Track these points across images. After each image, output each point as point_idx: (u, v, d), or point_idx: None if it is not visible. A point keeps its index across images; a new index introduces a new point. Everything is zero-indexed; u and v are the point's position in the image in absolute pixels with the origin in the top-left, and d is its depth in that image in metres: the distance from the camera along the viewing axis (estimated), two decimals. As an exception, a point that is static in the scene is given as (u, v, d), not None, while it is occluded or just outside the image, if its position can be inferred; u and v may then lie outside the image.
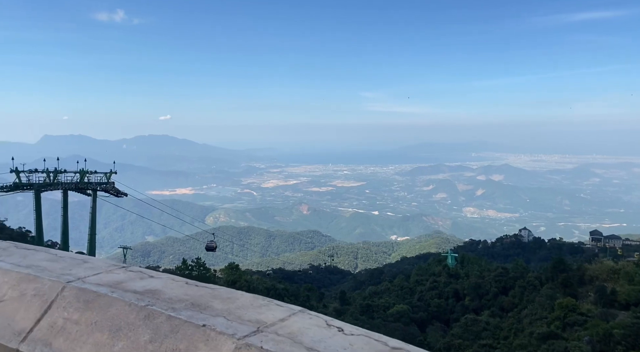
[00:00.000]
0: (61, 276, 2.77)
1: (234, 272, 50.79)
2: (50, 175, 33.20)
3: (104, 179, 36.86)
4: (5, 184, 31.41)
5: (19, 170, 31.58)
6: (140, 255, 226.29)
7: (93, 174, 36.41)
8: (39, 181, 32.42)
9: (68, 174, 34.54)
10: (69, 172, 34.57)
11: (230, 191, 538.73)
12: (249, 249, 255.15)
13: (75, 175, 35.13)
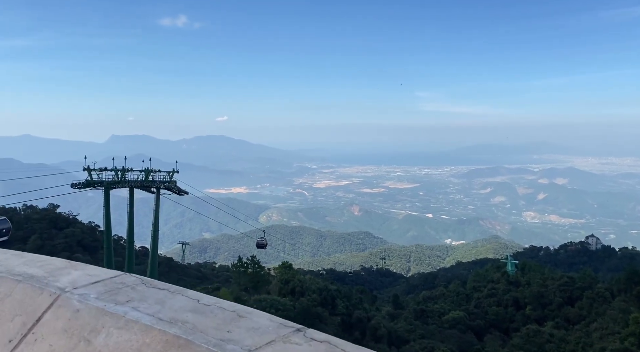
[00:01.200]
0: (220, 343, 1.99)
1: (287, 271, 51.20)
2: (118, 173, 35.04)
3: (166, 177, 38.40)
4: (79, 181, 33.49)
5: (91, 168, 33.59)
6: (198, 251, 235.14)
7: (157, 173, 38.02)
8: (108, 179, 34.30)
9: (134, 173, 36.29)
10: (134, 170, 36.31)
11: (283, 190, 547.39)
12: (300, 249, 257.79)
13: (141, 173, 36.83)
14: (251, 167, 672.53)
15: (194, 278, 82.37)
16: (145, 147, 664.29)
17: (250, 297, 43.32)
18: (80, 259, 75.35)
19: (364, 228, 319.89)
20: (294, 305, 42.07)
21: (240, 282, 49.22)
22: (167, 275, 74.92)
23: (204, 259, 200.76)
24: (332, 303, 48.62)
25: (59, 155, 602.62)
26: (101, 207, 35.13)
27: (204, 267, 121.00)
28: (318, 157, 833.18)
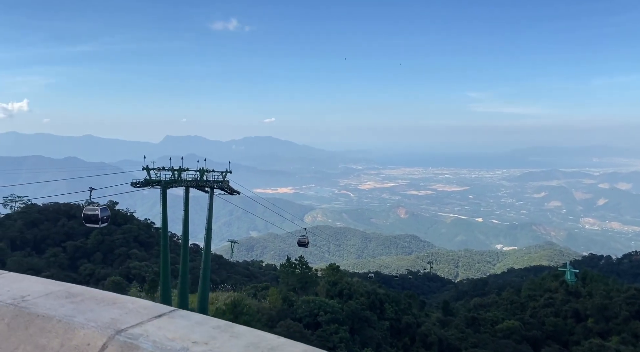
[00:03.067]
0: None
1: (335, 273, 50.87)
2: (175, 173, 36.08)
3: (220, 177, 39.11)
4: (138, 180, 34.79)
5: (149, 168, 34.78)
6: (245, 249, 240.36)
7: (211, 173, 38.81)
8: (166, 178, 35.41)
9: (189, 172, 37.23)
10: (190, 170, 37.27)
11: (328, 191, 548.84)
12: (345, 250, 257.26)
13: (196, 173, 37.73)
14: (297, 168, 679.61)
15: (242, 276, 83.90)
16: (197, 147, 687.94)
17: (299, 298, 43.34)
18: (136, 254, 78.73)
19: (410, 231, 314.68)
20: (342, 307, 41.63)
21: (289, 282, 49.41)
22: (217, 272, 76.75)
23: (251, 257, 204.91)
24: (381, 307, 47.74)
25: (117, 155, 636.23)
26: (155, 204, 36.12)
27: (252, 265, 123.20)
28: (364, 158, 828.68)
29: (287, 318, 37.20)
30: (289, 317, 38.08)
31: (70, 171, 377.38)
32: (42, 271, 66.22)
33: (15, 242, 75.62)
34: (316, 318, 38.47)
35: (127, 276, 64.55)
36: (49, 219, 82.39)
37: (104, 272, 70.23)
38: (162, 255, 36.31)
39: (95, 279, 65.99)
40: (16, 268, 65.40)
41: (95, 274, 69.29)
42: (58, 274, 67.23)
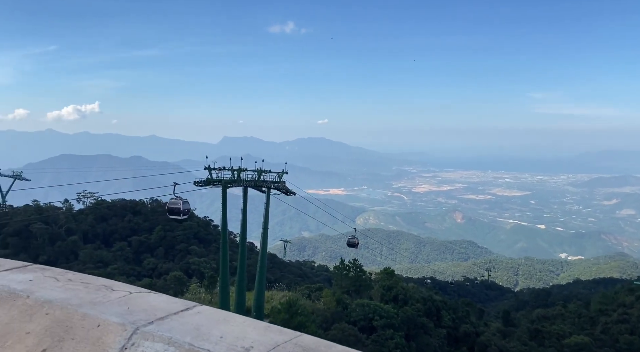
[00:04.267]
0: None
1: (390, 278, 49.85)
2: (234, 173, 36.92)
3: (276, 178, 39.57)
4: (200, 179, 35.96)
5: (211, 168, 35.83)
6: (297, 249, 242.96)
7: (268, 173, 39.35)
8: (226, 178, 36.34)
9: (248, 173, 37.95)
10: (248, 170, 37.98)
11: (381, 193, 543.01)
12: (398, 254, 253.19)
13: (254, 174, 38.41)
14: (349, 169, 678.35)
15: (295, 275, 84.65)
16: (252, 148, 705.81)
17: (353, 301, 42.87)
18: (195, 250, 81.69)
19: (467, 237, 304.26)
20: (397, 313, 40.66)
21: (342, 284, 49.06)
22: (271, 271, 77.86)
23: (302, 257, 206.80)
24: (437, 314, 46.20)
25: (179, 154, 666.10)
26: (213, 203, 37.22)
27: (304, 265, 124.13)
28: (419, 161, 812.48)
29: (342, 321, 36.84)
30: (344, 320, 37.69)
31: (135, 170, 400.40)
32: (110, 263, 70.37)
33: (87, 235, 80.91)
34: (371, 322, 37.83)
35: (186, 271, 67.07)
36: (116, 215, 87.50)
37: (166, 266, 73.45)
38: (222, 253, 37.19)
39: (158, 273, 69.16)
40: (87, 260, 69.97)
41: (157, 268, 72.66)
42: (124, 267, 71.19)
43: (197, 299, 41.59)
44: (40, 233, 73.02)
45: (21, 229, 72.12)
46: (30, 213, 79.71)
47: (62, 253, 71.86)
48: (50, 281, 2.61)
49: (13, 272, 2.71)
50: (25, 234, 72.13)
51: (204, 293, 43.66)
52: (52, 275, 2.71)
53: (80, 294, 2.45)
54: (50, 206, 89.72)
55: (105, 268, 63.02)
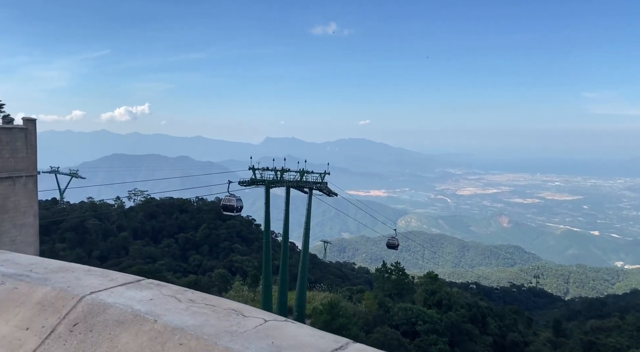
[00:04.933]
0: None
1: (433, 282, 48.73)
2: (277, 173, 37.39)
3: (318, 179, 39.68)
4: (244, 179, 36.68)
5: (255, 168, 36.46)
6: (337, 250, 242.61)
7: (310, 173, 39.52)
8: (269, 178, 36.87)
9: (290, 173, 38.32)
10: (291, 171, 38.36)
11: (423, 196, 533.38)
12: (440, 257, 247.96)
13: (296, 174, 38.73)
14: (391, 171, 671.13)
15: (335, 276, 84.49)
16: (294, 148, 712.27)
17: (395, 304, 42.21)
18: (238, 249, 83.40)
19: (514, 241, 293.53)
20: (441, 318, 39.67)
21: (384, 287, 48.44)
22: (311, 271, 78.08)
23: (342, 258, 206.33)
24: (483, 321, 44.68)
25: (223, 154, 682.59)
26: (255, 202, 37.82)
27: (344, 266, 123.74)
28: (463, 162, 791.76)
29: (384, 324, 36.34)
30: (386, 323, 37.17)
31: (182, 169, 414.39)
32: (158, 259, 73.06)
33: (137, 232, 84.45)
34: (414, 327, 37.11)
35: (230, 268, 68.48)
36: (164, 212, 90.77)
37: (210, 264, 75.40)
38: (264, 252, 37.65)
39: (203, 270, 71.12)
40: (137, 255, 72.96)
41: (202, 265, 74.72)
42: (171, 263, 73.72)
43: (240, 297, 42.27)
44: (94, 229, 76.86)
45: (77, 224, 76.17)
46: (85, 210, 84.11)
47: (114, 248, 75.30)
48: (172, 302, 2.32)
49: (129, 288, 2.44)
50: (81, 230, 76.09)
51: (247, 291, 44.33)
52: (171, 293, 2.42)
53: (211, 321, 2.13)
54: (103, 203, 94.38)
55: (153, 264, 65.40)
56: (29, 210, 23.95)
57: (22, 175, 23.32)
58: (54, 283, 2.38)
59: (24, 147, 23.47)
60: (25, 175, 23.42)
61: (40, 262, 2.66)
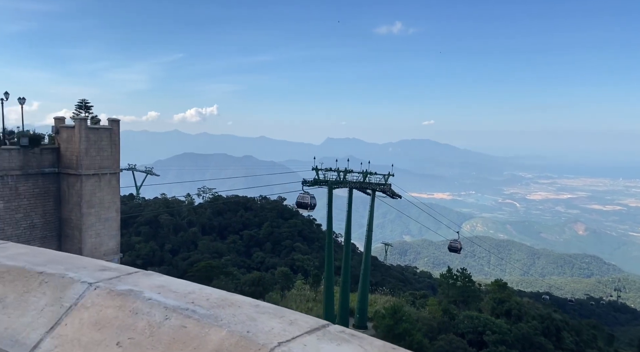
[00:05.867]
0: None
1: (502, 290, 46.33)
2: (340, 174, 37.39)
3: (382, 180, 39.16)
4: (307, 179, 37.01)
5: (318, 168, 36.71)
6: (398, 253, 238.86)
7: (373, 175, 39.10)
8: (332, 179, 36.96)
9: (353, 174, 38.17)
10: (354, 172, 38.20)
11: (490, 199, 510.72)
12: (508, 264, 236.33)
13: (359, 175, 38.50)
14: (456, 173, 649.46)
15: (397, 280, 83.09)
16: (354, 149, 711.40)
17: (460, 312, 40.63)
18: (299, 247, 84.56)
19: (591, 251, 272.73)
20: (510, 329, 37.59)
21: (449, 293, 46.79)
22: (372, 274, 77.18)
23: (403, 261, 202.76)
24: (557, 335, 41.72)
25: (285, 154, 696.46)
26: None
27: (406, 270, 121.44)
28: (535, 165, 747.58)
29: (449, 332, 35.07)
30: (451, 331, 35.87)
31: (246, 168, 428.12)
32: (224, 254, 75.92)
33: (205, 227, 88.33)
34: (481, 336, 35.46)
35: (291, 266, 69.53)
36: (230, 210, 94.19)
37: (272, 261, 77.10)
38: (327, 253, 37.77)
39: (265, 267, 72.88)
40: (205, 250, 76.29)
41: (265, 262, 76.60)
42: (236, 259, 76.30)
43: (302, 296, 42.80)
44: (166, 224, 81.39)
45: (151, 219, 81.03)
46: (159, 205, 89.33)
47: (184, 243, 79.26)
48: None
49: (321, 340, 1.84)
50: (154, 224, 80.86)
51: (308, 290, 44.72)
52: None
53: None
54: (175, 200, 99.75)
55: (220, 258, 68.01)
56: (112, 205, 25.78)
57: (107, 172, 25.18)
58: (229, 324, 1.86)
59: (109, 146, 25.32)
60: (110, 172, 25.25)
61: (197, 290, 2.20)
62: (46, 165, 25.20)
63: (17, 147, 24.49)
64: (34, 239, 24.83)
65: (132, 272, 2.39)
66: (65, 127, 25.59)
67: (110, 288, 2.11)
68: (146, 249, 72.37)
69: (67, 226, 25.27)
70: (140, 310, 1.97)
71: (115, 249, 27.11)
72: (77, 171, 24.71)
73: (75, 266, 2.41)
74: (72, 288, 2.14)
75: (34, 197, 24.69)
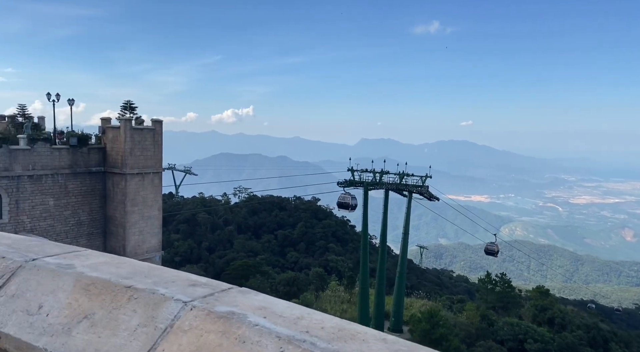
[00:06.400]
0: None
1: (544, 298, 44.59)
2: (376, 175, 37.03)
3: (419, 182, 38.52)
4: (342, 180, 36.91)
5: (354, 169, 36.53)
6: (433, 256, 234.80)
7: (410, 176, 38.52)
8: (367, 180, 36.68)
9: (390, 175, 37.72)
10: (390, 173, 37.74)
11: (531, 203, 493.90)
12: (549, 270, 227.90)
13: (396, 177, 38.01)
14: (494, 175, 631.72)
15: (433, 284, 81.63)
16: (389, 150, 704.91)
17: (499, 318, 39.41)
18: (333, 248, 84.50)
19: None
20: (553, 338, 36.12)
21: (488, 299, 45.46)
22: (407, 276, 76.19)
23: (439, 265, 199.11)
24: (605, 346, 39.77)
25: (318, 155, 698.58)
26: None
27: (442, 274, 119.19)
28: (579, 168, 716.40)
29: (488, 339, 34.07)
30: (489, 337, 34.82)
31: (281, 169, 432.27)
32: (259, 253, 76.89)
33: (240, 226, 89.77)
34: (522, 344, 34.26)
35: (325, 267, 69.59)
36: (265, 209, 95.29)
37: (306, 261, 77.38)
38: (362, 255, 37.50)
39: (299, 267, 73.26)
40: (240, 249, 77.52)
41: (299, 262, 77.02)
42: (270, 258, 77.10)
43: (336, 297, 42.66)
44: (203, 222, 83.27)
45: (189, 217, 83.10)
46: (197, 204, 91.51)
47: (220, 241, 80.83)
48: None
49: None
50: (192, 222, 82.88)
51: (343, 292, 44.56)
52: None
53: None
54: (212, 199, 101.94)
55: (254, 257, 68.91)
56: (155, 204, 26.58)
57: (150, 171, 25.99)
58: None
59: (152, 146, 26.14)
60: (152, 171, 26.05)
61: (306, 315, 1.76)
62: (93, 164, 26.28)
63: (66, 146, 25.66)
64: (81, 236, 25.92)
65: (225, 288, 2.07)
66: (111, 128, 26.63)
67: (208, 309, 1.78)
68: (184, 247, 74.30)
69: (112, 223, 26.26)
70: (248, 338, 1.63)
71: (157, 246, 27.93)
72: (122, 170, 25.65)
73: (163, 279, 2.11)
74: (166, 307, 1.84)
75: (81, 195, 25.80)
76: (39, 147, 24.66)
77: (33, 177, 24.33)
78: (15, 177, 23.85)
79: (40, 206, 24.57)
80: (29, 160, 24.25)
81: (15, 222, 23.87)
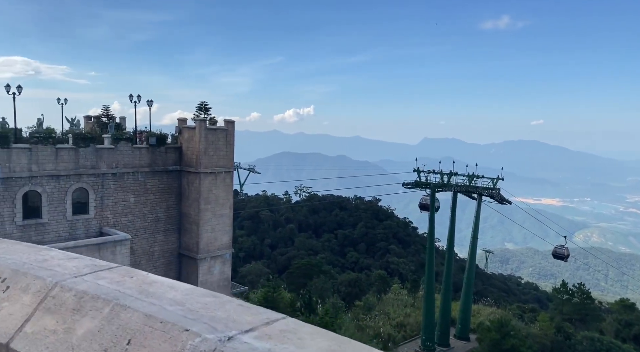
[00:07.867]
0: None
1: (629, 311, 40.92)
2: (443, 176, 35.86)
3: (489, 184, 36.83)
4: (409, 181, 36.07)
5: (420, 170, 35.60)
6: (499, 261, 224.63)
7: (480, 178, 36.94)
8: (435, 181, 35.62)
9: (458, 177, 36.39)
10: (458, 175, 36.41)
11: (609, 208, 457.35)
12: (631, 281, 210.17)
13: (464, 178, 36.61)
14: (567, 177, 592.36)
15: (499, 290, 77.92)
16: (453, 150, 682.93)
17: (577, 332, 36.71)
18: (394, 250, 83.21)
19: None
20: (640, 357, 33.08)
21: (563, 310, 42.52)
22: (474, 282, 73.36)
23: (505, 270, 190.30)
24: (701, 370, 35.78)
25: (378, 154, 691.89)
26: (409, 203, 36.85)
27: (509, 280, 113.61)
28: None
29: (565, 353, 31.87)
30: (566, 351, 32.58)
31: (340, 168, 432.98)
32: (319, 252, 77.48)
33: (301, 225, 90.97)
34: (604, 362, 31.69)
35: (386, 269, 68.66)
36: (325, 209, 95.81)
37: (366, 262, 76.83)
38: (428, 258, 36.49)
39: (359, 268, 72.89)
40: (301, 247, 78.57)
41: (359, 263, 76.63)
42: (330, 257, 77.38)
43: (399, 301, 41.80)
44: (266, 219, 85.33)
45: (253, 214, 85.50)
46: (260, 202, 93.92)
47: (281, 239, 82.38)
48: None
49: None
50: (255, 219, 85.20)
51: (406, 295, 43.67)
52: None
53: None
54: (274, 197, 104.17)
55: (315, 256, 69.49)
56: (226, 202, 27.54)
57: (222, 171, 26.96)
58: None
59: (225, 146, 27.08)
60: (225, 171, 27.01)
61: None
62: (170, 163, 27.69)
63: (146, 146, 27.25)
64: (158, 232, 27.42)
65: None
66: (187, 128, 27.91)
67: None
68: (248, 243, 76.54)
69: (186, 220, 27.52)
70: None
71: (228, 244, 28.90)
72: (197, 169, 26.80)
73: None
74: None
75: (159, 192, 27.28)
76: (121, 147, 26.37)
77: (116, 175, 26.07)
78: (101, 175, 25.67)
79: (122, 202, 26.26)
80: (113, 159, 26.00)
81: (100, 218, 25.70)
